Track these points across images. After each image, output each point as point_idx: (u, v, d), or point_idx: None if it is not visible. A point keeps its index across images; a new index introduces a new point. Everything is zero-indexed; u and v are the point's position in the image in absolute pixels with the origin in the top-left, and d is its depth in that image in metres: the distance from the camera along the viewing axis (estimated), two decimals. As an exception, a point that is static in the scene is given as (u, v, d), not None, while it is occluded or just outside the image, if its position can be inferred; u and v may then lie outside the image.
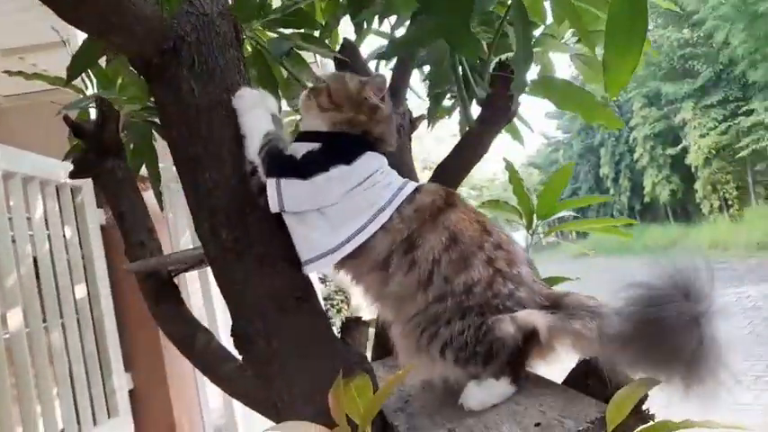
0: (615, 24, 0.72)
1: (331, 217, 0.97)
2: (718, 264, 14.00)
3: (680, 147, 23.27)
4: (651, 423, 0.72)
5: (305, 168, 0.97)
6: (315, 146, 1.01)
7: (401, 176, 1.17)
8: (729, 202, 21.71)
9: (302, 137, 1.06)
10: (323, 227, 0.97)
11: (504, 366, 0.89)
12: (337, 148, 1.01)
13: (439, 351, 0.92)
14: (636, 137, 25.60)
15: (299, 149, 1.01)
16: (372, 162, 1.03)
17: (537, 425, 0.76)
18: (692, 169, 22.70)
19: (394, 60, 1.74)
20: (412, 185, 1.03)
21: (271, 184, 0.96)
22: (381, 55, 1.44)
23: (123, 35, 0.93)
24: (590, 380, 0.83)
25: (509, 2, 1.26)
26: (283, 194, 0.96)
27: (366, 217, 0.97)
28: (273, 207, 0.97)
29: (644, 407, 0.77)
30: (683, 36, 22.37)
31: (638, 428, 0.71)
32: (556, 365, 0.93)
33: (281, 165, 0.97)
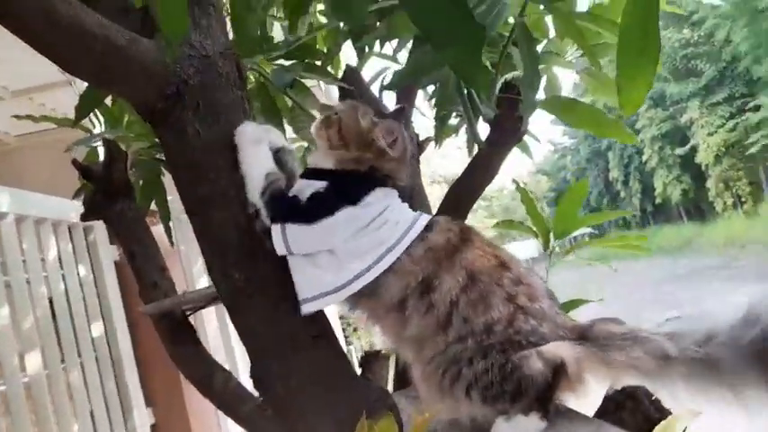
0: (626, 46, 0.70)
1: (338, 255, 0.95)
2: (736, 262, 13.82)
3: (688, 146, 23.20)
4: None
5: (310, 212, 0.95)
6: (321, 185, 0.99)
7: (412, 200, 1.15)
8: (743, 199, 21.54)
9: (308, 174, 1.04)
10: (329, 265, 0.95)
11: (532, 402, 0.87)
12: (343, 188, 0.99)
13: (464, 392, 0.90)
14: (643, 138, 25.53)
15: (305, 189, 0.99)
16: (381, 199, 1.01)
17: (570, 463, 0.73)
18: (703, 168, 22.60)
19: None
20: (422, 222, 1.00)
21: (275, 229, 0.95)
22: (387, 86, 1.44)
23: (126, 84, 0.93)
24: (623, 413, 0.80)
25: (511, 21, 1.26)
26: (288, 239, 0.94)
27: (373, 257, 0.94)
28: (280, 251, 0.95)
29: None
30: (683, 36, 22.41)
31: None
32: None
33: (284, 210, 0.96)
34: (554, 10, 1.03)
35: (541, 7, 1.04)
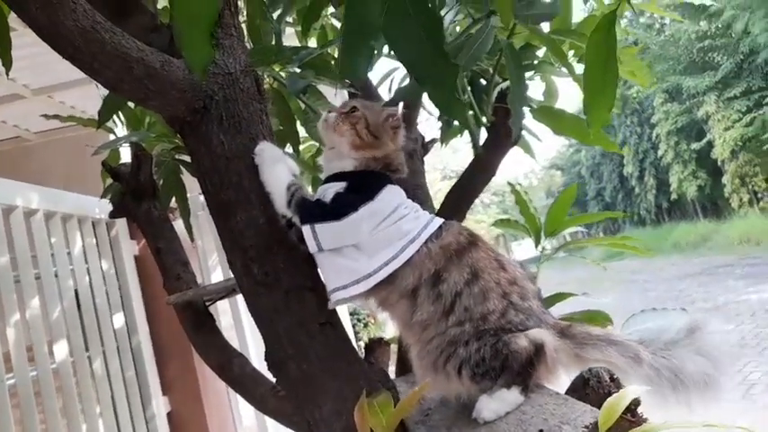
0: (591, 74, 0.81)
1: (364, 248, 1.07)
2: (750, 260, 13.74)
3: (705, 141, 22.90)
4: (642, 426, 0.80)
5: (335, 211, 1.06)
6: (341, 186, 1.11)
7: (417, 199, 1.27)
8: (759, 195, 21.27)
9: (328, 179, 1.16)
10: (358, 257, 1.07)
11: (515, 376, 0.99)
12: (361, 186, 1.11)
13: (456, 369, 1.02)
14: (659, 133, 25.28)
15: (327, 191, 1.11)
16: (394, 195, 1.13)
17: (540, 431, 0.84)
18: (719, 163, 22.31)
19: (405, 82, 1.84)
20: (438, 221, 1.12)
21: (306, 230, 1.06)
22: (391, 100, 1.56)
23: (160, 99, 1.05)
24: (587, 390, 0.92)
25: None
26: (319, 237, 1.06)
27: (399, 246, 1.07)
28: (312, 249, 1.07)
29: (639, 411, 0.85)
30: (700, 28, 22.08)
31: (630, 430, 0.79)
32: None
33: (312, 212, 1.07)
34: (535, 30, 1.13)
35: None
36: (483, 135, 1.70)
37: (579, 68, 1.63)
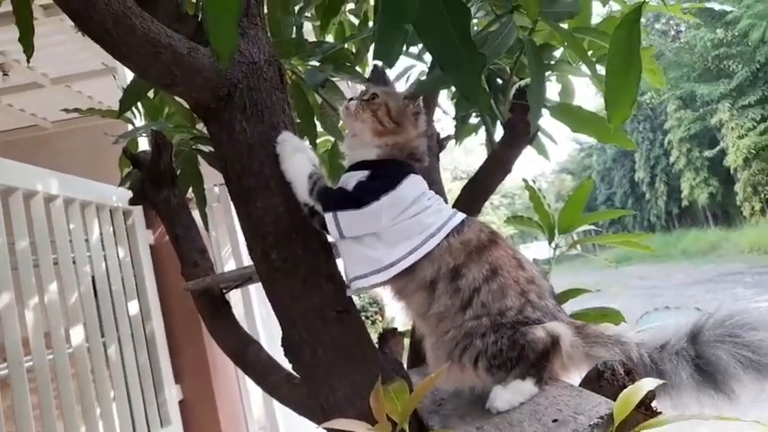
0: (614, 69, 0.82)
1: (385, 238, 1.08)
2: (760, 268, 13.63)
3: (717, 148, 22.75)
4: (656, 418, 0.81)
5: (357, 199, 1.08)
6: (363, 174, 1.12)
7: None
8: (771, 204, 21.10)
9: (351, 168, 1.17)
10: (379, 246, 1.08)
11: (530, 368, 1.00)
12: (383, 175, 1.12)
13: (472, 360, 1.03)
14: (671, 139, 25.14)
15: (350, 180, 1.12)
16: (415, 186, 1.13)
17: (554, 421, 0.85)
18: (731, 171, 22.15)
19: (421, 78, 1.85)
20: (460, 217, 1.13)
21: (329, 217, 1.07)
22: (409, 95, 1.58)
23: (185, 85, 1.07)
24: (602, 382, 0.93)
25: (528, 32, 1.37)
26: (341, 224, 1.07)
27: (420, 239, 1.07)
28: (335, 236, 1.09)
29: (653, 405, 0.86)
30: (716, 36, 21.91)
31: (643, 422, 0.80)
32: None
33: (334, 199, 1.09)
34: (557, 27, 1.14)
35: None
36: (497, 136, 1.72)
37: (597, 69, 1.65)
